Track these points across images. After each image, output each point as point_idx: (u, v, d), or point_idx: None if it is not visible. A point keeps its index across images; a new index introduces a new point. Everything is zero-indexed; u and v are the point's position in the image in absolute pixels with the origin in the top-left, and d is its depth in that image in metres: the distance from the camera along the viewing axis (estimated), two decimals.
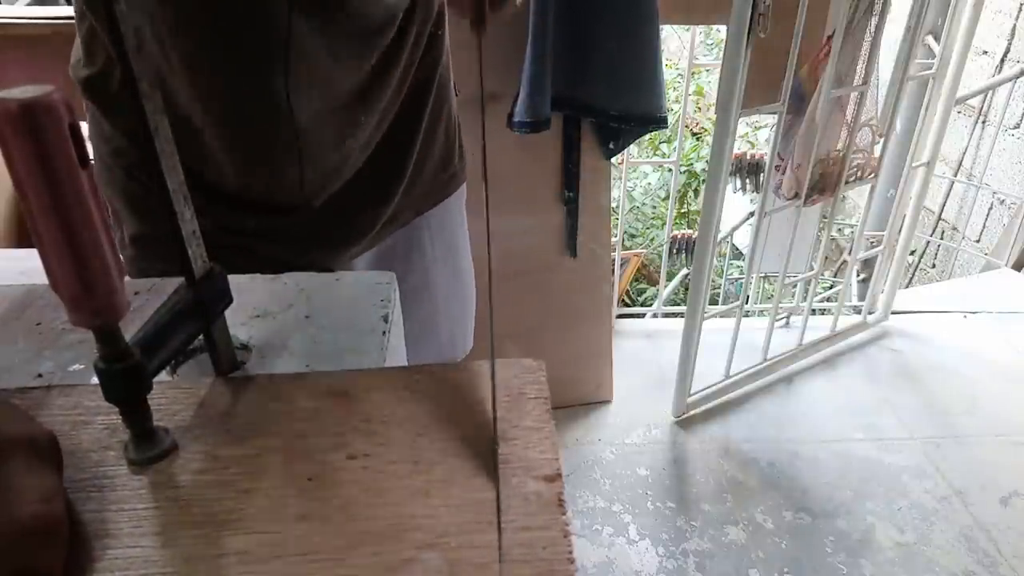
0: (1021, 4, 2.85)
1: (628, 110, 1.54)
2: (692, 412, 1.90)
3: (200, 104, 0.65)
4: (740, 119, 1.54)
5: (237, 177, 0.71)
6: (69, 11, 1.48)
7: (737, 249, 3.17)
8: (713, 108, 1.86)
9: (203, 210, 0.43)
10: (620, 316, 2.33)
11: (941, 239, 3.26)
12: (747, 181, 2.49)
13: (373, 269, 0.84)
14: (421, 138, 0.79)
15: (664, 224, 2.89)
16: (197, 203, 0.41)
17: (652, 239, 3.80)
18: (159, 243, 0.67)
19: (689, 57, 1.96)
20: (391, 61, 0.70)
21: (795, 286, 2.16)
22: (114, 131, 0.71)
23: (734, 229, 2.50)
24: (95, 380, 0.38)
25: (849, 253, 2.29)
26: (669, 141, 3.93)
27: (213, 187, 0.71)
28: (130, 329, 0.39)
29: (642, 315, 2.54)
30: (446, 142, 0.85)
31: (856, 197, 3.53)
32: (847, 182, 1.81)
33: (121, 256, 0.73)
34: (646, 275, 3.76)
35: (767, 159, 1.73)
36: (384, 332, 0.54)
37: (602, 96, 1.53)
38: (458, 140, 0.89)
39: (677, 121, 2.54)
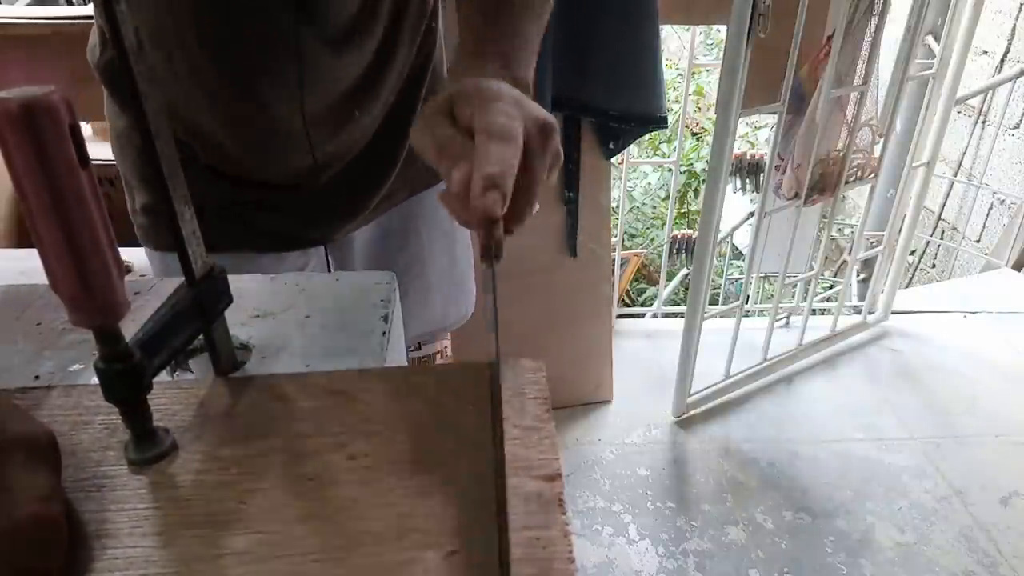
0: (1021, 4, 2.85)
1: (628, 110, 1.53)
2: (692, 412, 1.90)
3: (211, 105, 0.68)
4: (740, 119, 1.54)
5: (246, 166, 0.75)
6: (69, 11, 1.47)
7: (737, 249, 3.17)
8: (713, 108, 1.86)
9: (206, 190, 0.44)
10: (620, 316, 2.33)
11: (941, 239, 3.26)
12: (747, 181, 2.49)
13: (370, 247, 0.88)
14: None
15: (664, 224, 2.88)
16: (201, 185, 0.42)
17: (652, 239, 3.80)
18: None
19: (689, 57, 1.96)
20: (389, 54, 0.74)
21: (795, 286, 2.16)
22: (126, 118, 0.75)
23: (734, 229, 2.50)
24: (95, 380, 0.38)
25: (849, 253, 2.29)
26: (669, 141, 3.92)
27: (215, 169, 0.74)
28: (130, 329, 0.39)
29: (642, 315, 2.54)
30: None
31: (856, 197, 3.53)
32: (847, 182, 1.81)
33: (134, 224, 0.77)
34: (646, 275, 3.76)
35: (767, 159, 1.73)
36: (384, 332, 0.54)
37: (602, 96, 1.53)
38: None
39: (677, 121, 2.54)
